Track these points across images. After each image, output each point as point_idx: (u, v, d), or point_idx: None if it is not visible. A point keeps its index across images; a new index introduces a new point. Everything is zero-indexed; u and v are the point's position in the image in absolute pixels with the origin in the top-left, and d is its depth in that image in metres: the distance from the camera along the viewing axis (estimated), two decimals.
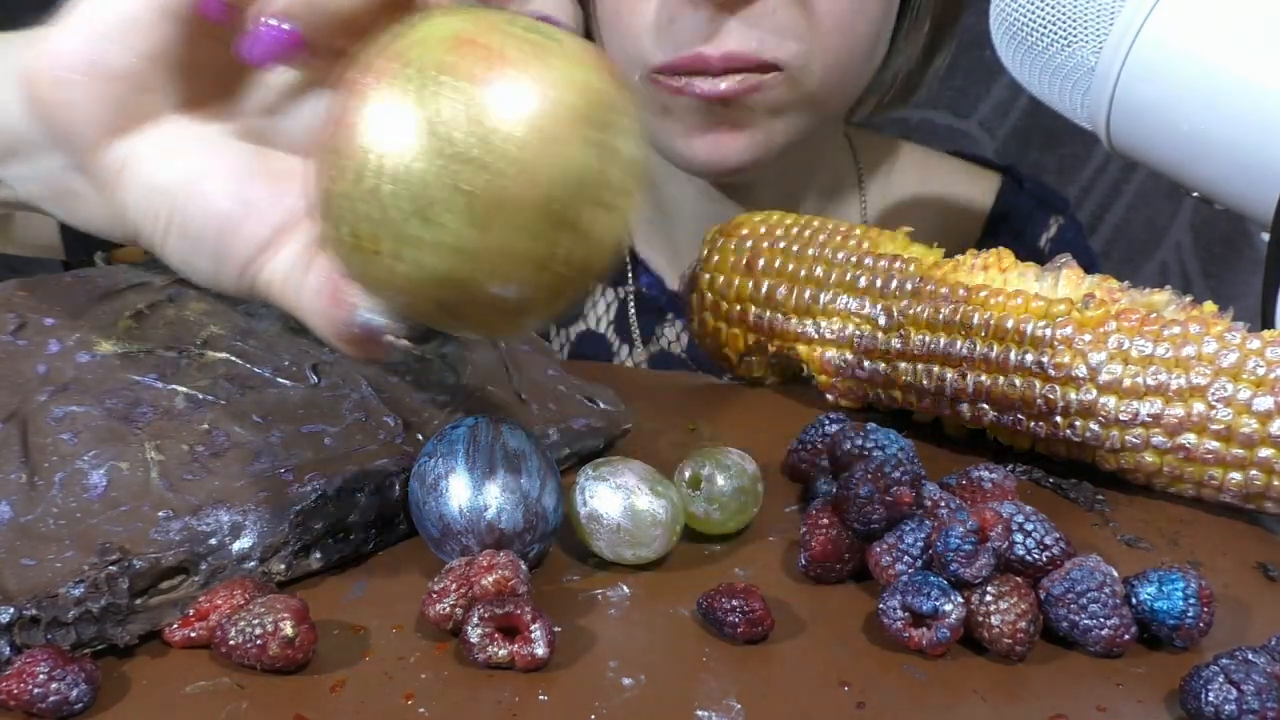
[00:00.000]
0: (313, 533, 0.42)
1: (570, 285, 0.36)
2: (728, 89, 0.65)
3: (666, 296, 0.81)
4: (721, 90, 0.65)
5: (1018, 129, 1.04)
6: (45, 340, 0.47)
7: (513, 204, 0.33)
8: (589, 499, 0.42)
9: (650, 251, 0.82)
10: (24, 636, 0.37)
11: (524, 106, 0.33)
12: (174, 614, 0.40)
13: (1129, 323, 0.47)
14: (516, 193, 0.33)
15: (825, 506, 0.43)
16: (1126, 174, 1.07)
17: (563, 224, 0.34)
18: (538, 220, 0.34)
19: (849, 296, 0.53)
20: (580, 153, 0.34)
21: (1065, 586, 0.39)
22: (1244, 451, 0.46)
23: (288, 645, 0.37)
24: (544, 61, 0.34)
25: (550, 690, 0.37)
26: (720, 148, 0.68)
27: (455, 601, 0.39)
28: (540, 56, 0.34)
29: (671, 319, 0.81)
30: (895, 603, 0.39)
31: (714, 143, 0.68)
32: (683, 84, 0.65)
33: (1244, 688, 0.36)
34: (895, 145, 0.84)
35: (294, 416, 0.45)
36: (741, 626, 0.39)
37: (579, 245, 0.35)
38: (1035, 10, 0.56)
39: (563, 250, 0.34)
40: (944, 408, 0.52)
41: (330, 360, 0.48)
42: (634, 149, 0.35)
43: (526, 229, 0.34)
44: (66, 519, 0.40)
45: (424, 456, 0.43)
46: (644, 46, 0.66)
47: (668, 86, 0.66)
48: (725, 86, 0.65)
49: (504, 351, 0.52)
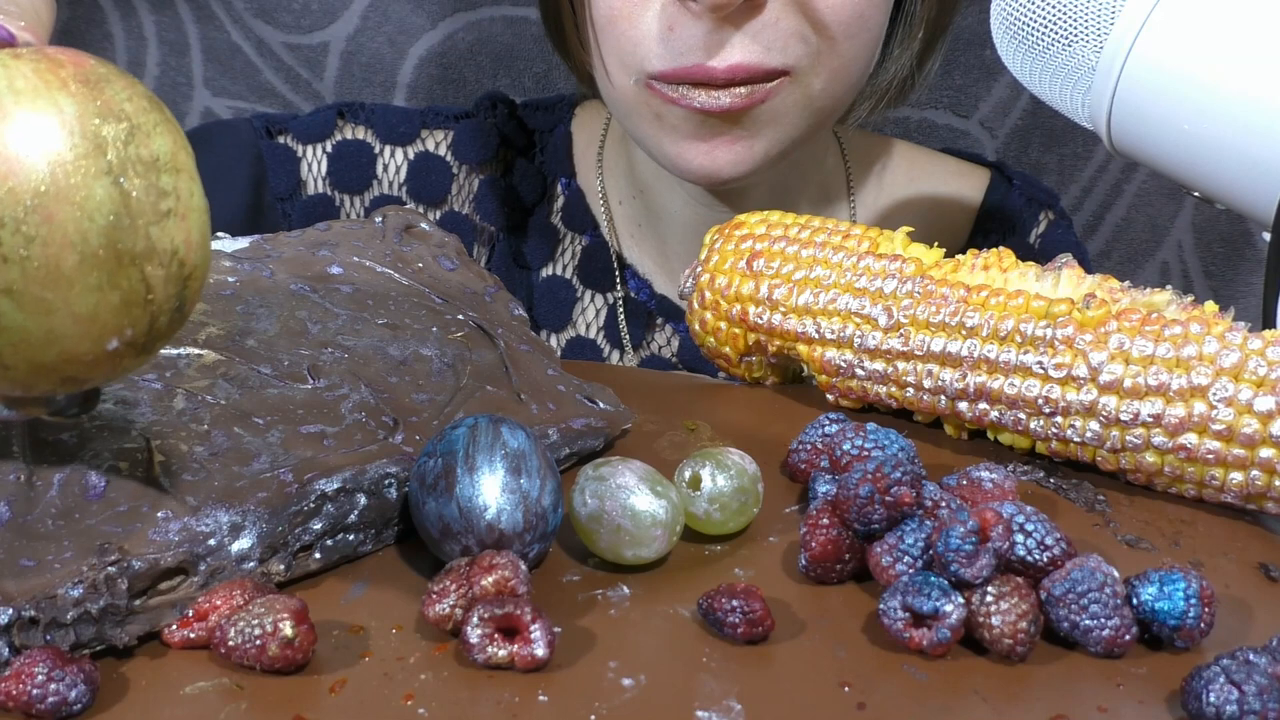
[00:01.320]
0: (312, 533, 0.42)
1: (183, 294, 0.34)
2: (732, 103, 0.63)
3: (656, 301, 0.80)
4: (725, 105, 0.63)
5: (1018, 129, 1.04)
6: None
7: (58, 279, 0.31)
8: (589, 499, 0.42)
9: (639, 256, 0.81)
10: (23, 637, 0.37)
11: (16, 182, 0.30)
12: (173, 615, 0.39)
13: (1130, 323, 0.47)
14: (54, 267, 0.30)
15: (825, 506, 0.43)
16: (1127, 174, 1.07)
17: (125, 261, 0.31)
18: (97, 275, 0.31)
19: (849, 296, 0.53)
20: (99, 191, 0.31)
21: (1066, 587, 0.39)
22: (1245, 452, 0.45)
23: (287, 646, 0.37)
24: (4, 115, 0.30)
25: (550, 690, 0.37)
26: (715, 159, 0.66)
27: (455, 602, 0.39)
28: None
29: (661, 324, 0.81)
30: (896, 603, 0.39)
31: (708, 154, 0.66)
32: (679, 95, 0.63)
33: (1245, 688, 0.36)
34: (884, 144, 0.84)
35: (294, 416, 0.45)
36: (741, 627, 0.39)
37: (159, 265, 0.32)
38: (1036, 9, 0.56)
39: (147, 278, 0.32)
40: (944, 408, 0.52)
41: (330, 360, 0.48)
42: (153, 145, 0.32)
43: (92, 288, 0.31)
44: (65, 519, 0.40)
45: (424, 456, 0.43)
46: (642, 54, 0.64)
47: (662, 95, 0.64)
48: (729, 101, 0.63)
49: (504, 351, 0.52)
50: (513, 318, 0.56)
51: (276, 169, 0.80)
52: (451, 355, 0.50)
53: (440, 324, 0.52)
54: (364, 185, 0.81)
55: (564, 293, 0.82)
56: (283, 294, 0.51)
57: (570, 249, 0.82)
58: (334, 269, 0.54)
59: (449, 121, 0.82)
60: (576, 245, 0.82)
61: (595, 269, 0.82)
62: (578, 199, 0.82)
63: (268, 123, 0.81)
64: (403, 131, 0.81)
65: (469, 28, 0.97)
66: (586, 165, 0.82)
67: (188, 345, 0.47)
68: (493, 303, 0.56)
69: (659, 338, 0.81)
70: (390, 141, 0.81)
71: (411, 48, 0.97)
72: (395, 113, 0.82)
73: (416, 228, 0.58)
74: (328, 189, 0.81)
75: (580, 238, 0.82)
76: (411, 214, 0.59)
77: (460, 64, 0.98)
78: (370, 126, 0.81)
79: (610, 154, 0.82)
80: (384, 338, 0.50)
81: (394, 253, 0.56)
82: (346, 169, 0.81)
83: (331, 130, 0.81)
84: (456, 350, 0.51)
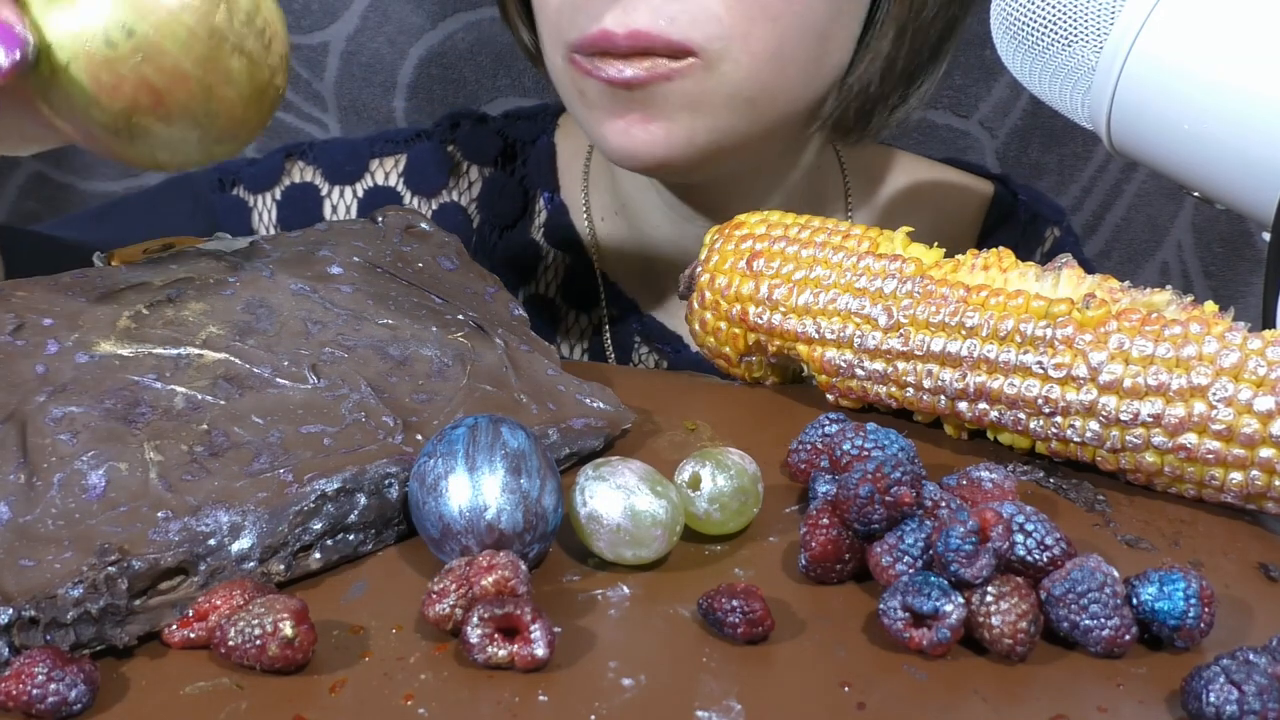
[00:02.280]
0: (312, 533, 0.42)
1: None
2: (633, 75, 0.60)
3: (640, 321, 0.78)
4: (627, 77, 0.61)
5: (1018, 129, 1.04)
6: (44, 340, 0.47)
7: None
8: (589, 499, 0.42)
9: (624, 275, 0.79)
10: (23, 637, 0.37)
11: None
12: (173, 615, 0.39)
13: (1129, 323, 0.47)
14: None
15: (825, 506, 0.43)
16: (1127, 174, 1.07)
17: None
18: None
19: (849, 296, 0.53)
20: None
21: (1066, 587, 0.39)
22: (1245, 452, 0.46)
23: (287, 646, 0.37)
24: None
25: (550, 690, 0.37)
26: (631, 139, 0.63)
27: (455, 602, 0.39)
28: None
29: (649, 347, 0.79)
30: (896, 603, 0.39)
31: (624, 132, 0.63)
32: (592, 66, 0.61)
33: (1245, 688, 0.36)
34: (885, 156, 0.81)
35: (293, 416, 0.45)
36: (741, 627, 0.39)
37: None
38: (1036, 9, 0.56)
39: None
40: (944, 408, 0.52)
41: (330, 360, 0.48)
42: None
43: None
44: (65, 520, 0.40)
45: (424, 456, 0.43)
46: (563, 23, 0.62)
47: (580, 67, 0.62)
48: (630, 73, 0.60)
49: (504, 351, 0.52)
50: (513, 318, 0.56)
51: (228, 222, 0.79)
52: (451, 355, 0.50)
53: (440, 324, 0.52)
54: None
55: (547, 312, 0.80)
56: (283, 294, 0.51)
57: (553, 267, 0.80)
58: (334, 269, 0.54)
59: (400, 146, 0.81)
60: (560, 263, 0.80)
61: (579, 288, 0.79)
62: (560, 215, 0.79)
63: (220, 174, 0.80)
64: (349, 170, 0.80)
65: (469, 28, 0.97)
66: (571, 178, 0.80)
67: (188, 345, 0.47)
68: (493, 303, 0.56)
69: (647, 360, 0.79)
70: (337, 181, 0.80)
71: (411, 48, 0.97)
72: (342, 149, 0.81)
73: (416, 228, 0.58)
74: None
75: (564, 255, 0.79)
76: (411, 214, 0.59)
77: (460, 64, 0.98)
78: (318, 166, 0.80)
79: (596, 167, 0.79)
80: (384, 338, 0.50)
81: (394, 253, 0.56)
82: (294, 214, 0.79)
83: (279, 176, 0.80)
84: (456, 350, 0.51)
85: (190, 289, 0.50)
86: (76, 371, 0.45)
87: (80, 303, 0.49)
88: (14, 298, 0.48)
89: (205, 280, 0.51)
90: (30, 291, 0.49)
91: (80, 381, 0.45)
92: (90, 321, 0.48)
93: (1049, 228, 0.81)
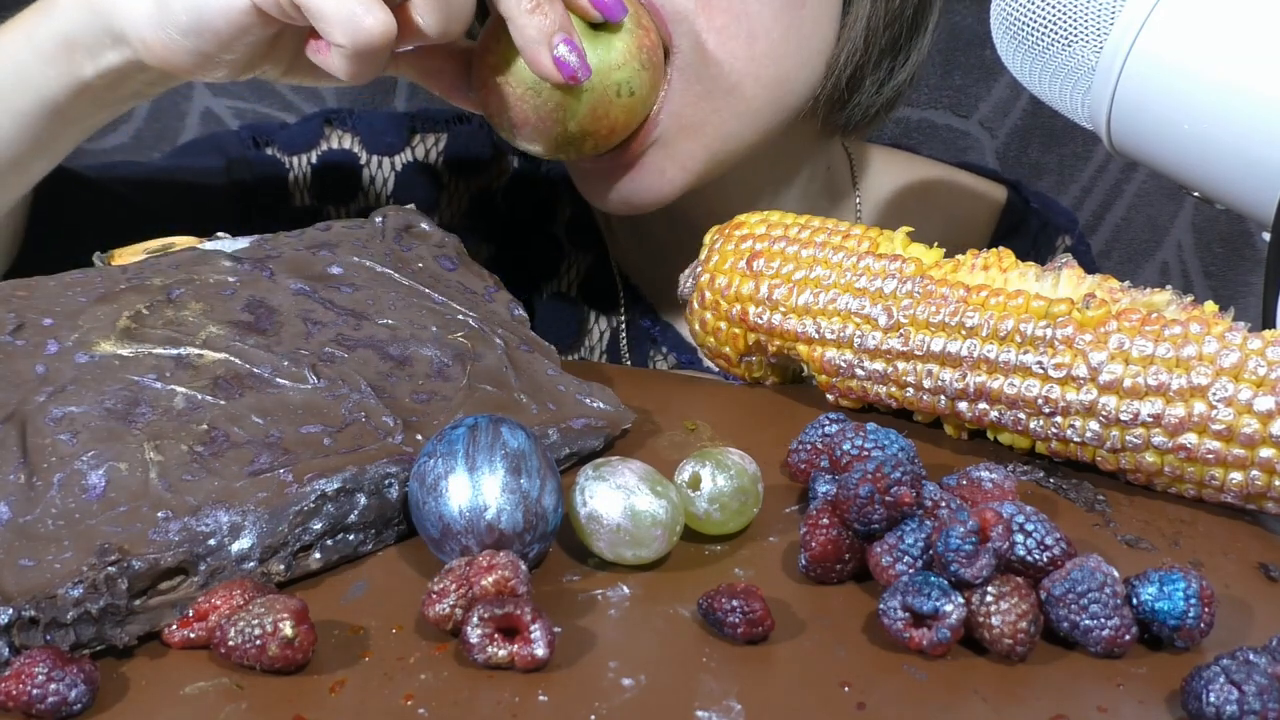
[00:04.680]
0: (312, 533, 0.42)
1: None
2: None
3: (659, 327, 0.78)
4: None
5: (1018, 129, 1.04)
6: (44, 340, 0.47)
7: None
8: (589, 499, 0.42)
9: (641, 280, 0.79)
10: (23, 637, 0.37)
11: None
12: (173, 615, 0.39)
13: (1129, 323, 0.47)
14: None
15: (825, 506, 0.43)
16: (1127, 174, 1.07)
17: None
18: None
19: (849, 296, 0.53)
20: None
21: (1066, 587, 0.39)
22: (1245, 452, 0.45)
23: (287, 646, 0.37)
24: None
25: (550, 690, 0.37)
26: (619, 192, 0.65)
27: (455, 602, 0.39)
28: None
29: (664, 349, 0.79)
30: (896, 603, 0.39)
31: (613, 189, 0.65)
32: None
33: (1245, 688, 0.36)
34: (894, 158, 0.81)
35: (293, 417, 0.45)
36: (741, 627, 0.39)
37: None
38: (1036, 9, 0.56)
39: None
40: (944, 408, 0.52)
41: (330, 360, 0.48)
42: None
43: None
44: (65, 520, 0.40)
45: (424, 457, 0.43)
46: None
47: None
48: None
49: (504, 351, 0.52)
50: (513, 318, 0.56)
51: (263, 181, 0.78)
52: (451, 355, 0.50)
53: (440, 324, 0.52)
54: (349, 197, 0.79)
55: (568, 312, 0.80)
56: (283, 294, 0.51)
57: (575, 266, 0.80)
58: (334, 269, 0.54)
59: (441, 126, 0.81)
60: (581, 263, 0.80)
61: (598, 289, 0.79)
62: (585, 213, 0.80)
63: (254, 134, 0.79)
64: (389, 141, 0.79)
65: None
66: None
67: (188, 345, 0.47)
68: (493, 303, 0.56)
69: (662, 365, 0.79)
70: (377, 152, 0.79)
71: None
72: (384, 119, 0.80)
73: (416, 227, 0.58)
74: (312, 201, 0.79)
75: (585, 255, 0.80)
76: (411, 214, 0.59)
77: None
78: (357, 134, 0.79)
79: None
80: (384, 338, 0.50)
81: (394, 253, 0.56)
82: (331, 180, 0.79)
83: (318, 140, 0.79)
84: (456, 350, 0.51)
85: (190, 289, 0.50)
86: (76, 371, 0.45)
87: (80, 303, 0.49)
88: (14, 298, 0.48)
89: (205, 280, 0.51)
90: (30, 291, 0.49)
91: (80, 381, 0.45)
92: (90, 321, 0.48)
93: (1060, 235, 0.81)
